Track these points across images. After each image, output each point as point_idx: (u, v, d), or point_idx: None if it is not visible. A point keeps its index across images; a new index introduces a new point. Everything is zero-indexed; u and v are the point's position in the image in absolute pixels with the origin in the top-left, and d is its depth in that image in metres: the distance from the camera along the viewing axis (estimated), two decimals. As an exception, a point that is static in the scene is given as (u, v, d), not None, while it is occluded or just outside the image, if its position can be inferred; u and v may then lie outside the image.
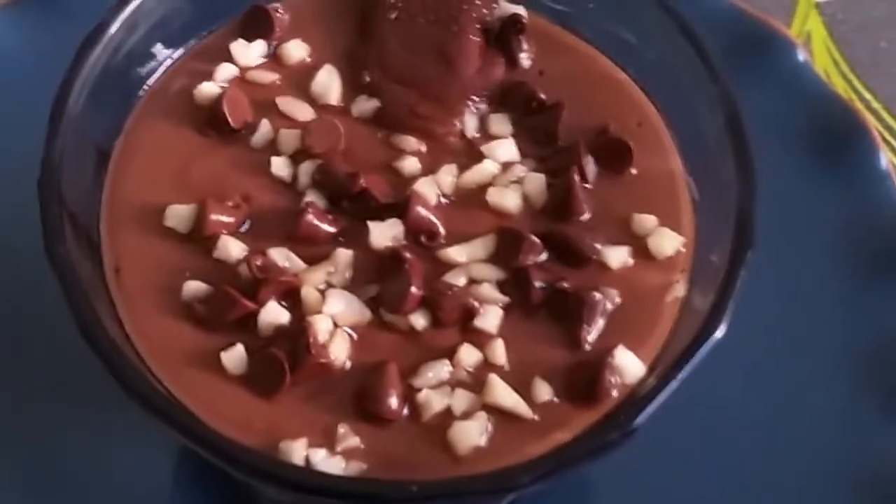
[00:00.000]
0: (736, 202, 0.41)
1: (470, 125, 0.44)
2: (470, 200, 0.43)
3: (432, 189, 0.43)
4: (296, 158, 0.43)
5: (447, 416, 0.38)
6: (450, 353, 0.39)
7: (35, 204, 0.39)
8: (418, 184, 0.42)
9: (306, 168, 0.42)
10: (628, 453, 0.49)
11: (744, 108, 0.43)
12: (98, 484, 0.48)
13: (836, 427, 0.50)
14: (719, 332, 0.38)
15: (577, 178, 0.42)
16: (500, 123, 0.45)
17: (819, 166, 0.58)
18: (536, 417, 0.39)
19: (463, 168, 0.43)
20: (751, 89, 0.43)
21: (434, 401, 0.38)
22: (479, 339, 0.40)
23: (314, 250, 0.41)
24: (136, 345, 0.39)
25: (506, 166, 0.44)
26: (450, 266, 0.41)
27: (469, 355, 0.39)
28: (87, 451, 0.48)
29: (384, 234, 0.41)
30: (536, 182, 0.43)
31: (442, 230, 0.42)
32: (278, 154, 0.43)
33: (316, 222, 0.41)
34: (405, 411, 0.38)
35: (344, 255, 0.41)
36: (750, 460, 0.49)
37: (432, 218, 0.42)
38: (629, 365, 0.39)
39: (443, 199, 0.43)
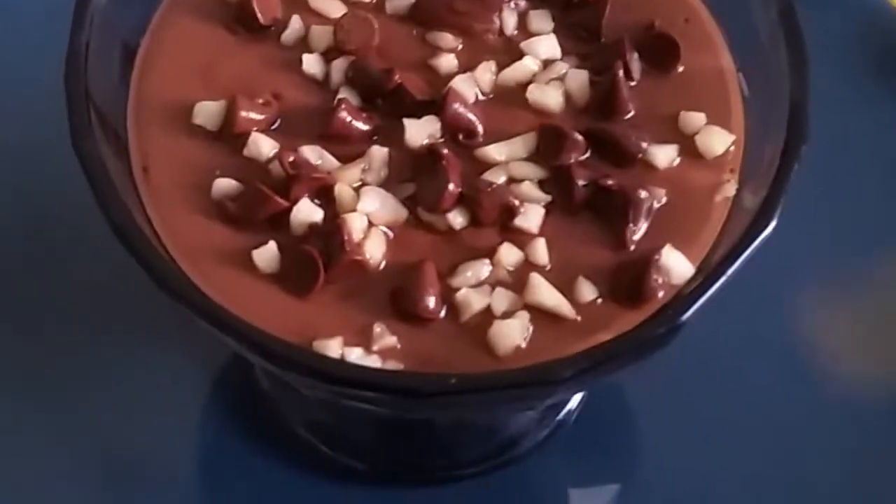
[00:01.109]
0: (789, 95, 0.39)
1: (509, 22, 0.43)
2: (509, 99, 0.42)
3: (470, 87, 0.41)
4: (328, 56, 0.42)
5: (487, 315, 0.37)
6: (489, 253, 0.38)
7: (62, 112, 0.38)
8: (455, 81, 0.41)
9: (339, 65, 0.41)
10: (669, 361, 0.50)
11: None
12: (122, 413, 0.49)
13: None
14: (771, 227, 0.37)
15: (621, 74, 0.41)
16: (541, 20, 0.43)
17: (876, 88, 0.57)
18: (579, 318, 0.38)
19: (502, 66, 0.42)
20: (803, 5, 0.42)
21: (473, 300, 0.37)
22: (520, 239, 0.39)
23: (348, 149, 0.40)
24: (167, 244, 0.38)
25: (547, 63, 0.42)
26: (489, 165, 0.40)
27: (509, 254, 0.38)
28: (111, 381, 0.49)
29: (420, 131, 0.40)
30: (579, 79, 0.42)
31: (480, 128, 0.41)
32: (310, 51, 0.42)
33: (349, 119, 0.40)
34: (443, 312, 0.37)
35: (379, 152, 0.40)
36: (788, 364, 0.50)
37: (470, 115, 0.41)
38: (676, 265, 0.38)
39: (481, 97, 0.42)
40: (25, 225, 0.52)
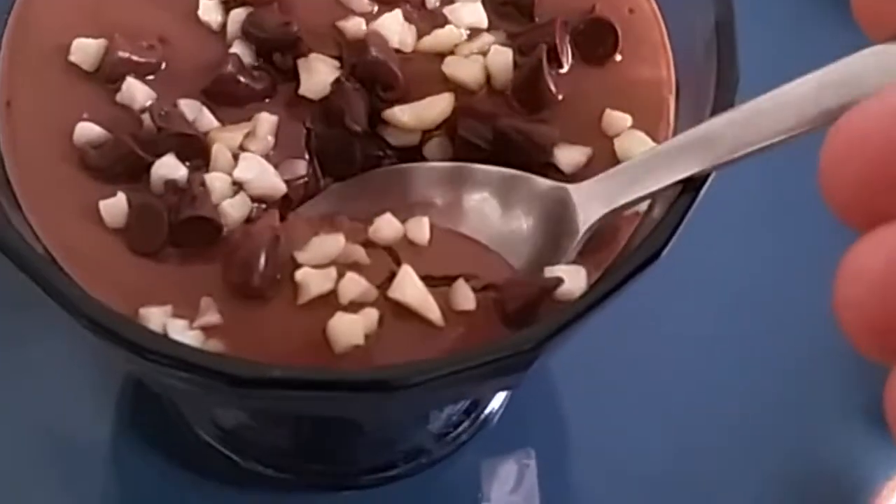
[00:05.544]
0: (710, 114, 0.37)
1: (430, -8, 0.42)
2: (426, 69, 0.40)
3: (393, 33, 0.40)
4: (227, 4, 0.41)
5: (332, 303, 0.36)
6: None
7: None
8: (377, 22, 0.40)
9: (237, 16, 0.40)
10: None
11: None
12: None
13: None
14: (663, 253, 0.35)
15: (546, 59, 0.39)
16: (467, -4, 0.41)
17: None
18: (446, 325, 0.36)
19: (421, 34, 0.41)
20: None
21: (311, 281, 0.36)
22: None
23: (233, 112, 0.39)
24: (15, 188, 0.38)
25: (471, 36, 0.41)
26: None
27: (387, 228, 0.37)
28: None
29: (321, 76, 0.39)
30: (502, 57, 0.40)
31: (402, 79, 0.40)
32: (209, -3, 0.41)
33: (238, 77, 0.39)
34: (280, 291, 0.36)
35: (267, 119, 0.39)
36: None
37: (391, 64, 0.39)
38: (571, 286, 0.36)
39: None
40: None
